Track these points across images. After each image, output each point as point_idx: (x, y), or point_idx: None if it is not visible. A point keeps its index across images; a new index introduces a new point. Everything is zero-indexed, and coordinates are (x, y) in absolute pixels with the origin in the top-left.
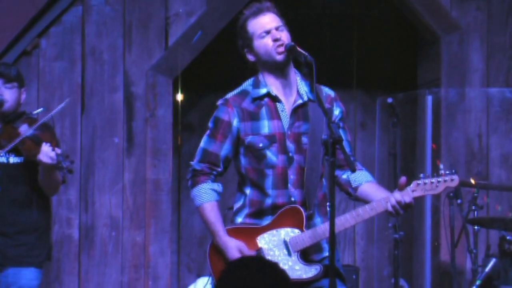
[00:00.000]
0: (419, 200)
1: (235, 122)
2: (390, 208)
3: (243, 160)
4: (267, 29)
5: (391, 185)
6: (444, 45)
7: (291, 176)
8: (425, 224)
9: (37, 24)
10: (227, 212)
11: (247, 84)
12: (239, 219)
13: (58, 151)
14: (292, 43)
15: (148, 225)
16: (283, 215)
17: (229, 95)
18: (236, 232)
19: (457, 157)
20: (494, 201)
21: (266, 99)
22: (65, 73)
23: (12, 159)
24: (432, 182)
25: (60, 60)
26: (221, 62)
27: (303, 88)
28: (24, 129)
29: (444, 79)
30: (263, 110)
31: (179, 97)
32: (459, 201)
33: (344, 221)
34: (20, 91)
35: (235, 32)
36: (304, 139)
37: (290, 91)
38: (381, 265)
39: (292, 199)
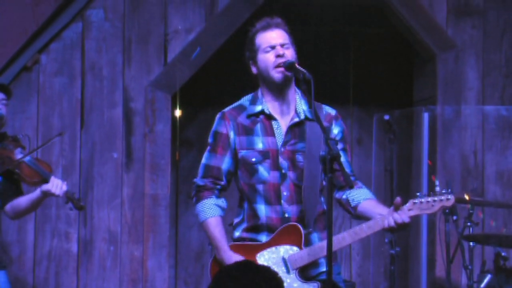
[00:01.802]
0: (415, 216)
1: (231, 135)
2: (386, 226)
3: (239, 175)
4: (272, 44)
5: (387, 200)
6: (440, 62)
7: (284, 192)
8: (421, 240)
9: (37, 40)
10: (229, 228)
11: (245, 100)
12: (237, 233)
13: (66, 185)
14: (292, 60)
15: (146, 240)
16: (282, 233)
17: (227, 109)
18: (236, 249)
19: (452, 173)
20: (489, 218)
21: (261, 116)
22: (65, 88)
23: None
24: (428, 202)
25: (60, 76)
26: (219, 78)
27: (302, 106)
28: (18, 153)
29: (440, 96)
30: (258, 126)
31: (178, 112)
32: (454, 217)
33: (341, 239)
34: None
35: (234, 48)
36: (299, 157)
37: (288, 109)
38: (377, 280)
39: (286, 215)
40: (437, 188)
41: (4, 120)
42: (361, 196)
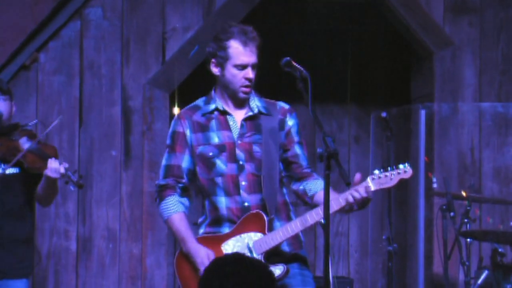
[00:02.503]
0: (412, 213)
1: (188, 133)
2: (344, 204)
3: (198, 171)
4: (245, 63)
5: (384, 198)
6: (437, 60)
7: (243, 182)
8: (419, 236)
9: (36, 39)
10: (194, 227)
11: (199, 100)
12: (201, 230)
13: (66, 165)
14: (288, 58)
15: (145, 237)
16: (245, 221)
17: (182, 110)
18: (201, 242)
19: (450, 170)
20: (486, 214)
21: (215, 113)
22: (64, 87)
23: (9, 170)
24: (386, 176)
25: (59, 74)
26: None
27: (255, 102)
28: (24, 142)
29: (437, 94)
30: (213, 123)
31: (176, 111)
32: (452, 214)
33: (304, 221)
34: (12, 104)
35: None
36: (256, 148)
37: (241, 106)
38: (375, 277)
39: (246, 204)
40: (435, 185)
41: (3, 118)
42: (318, 187)
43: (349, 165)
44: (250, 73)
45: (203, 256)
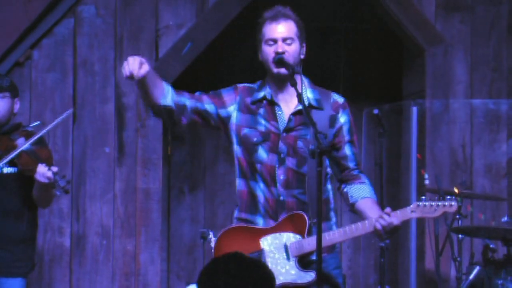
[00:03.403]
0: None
1: (231, 107)
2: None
3: (239, 150)
4: (275, 38)
5: (377, 194)
6: (428, 57)
7: (281, 176)
8: (410, 232)
9: (29, 36)
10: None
11: (256, 84)
12: (235, 214)
13: (55, 169)
14: (280, 55)
15: (139, 234)
16: (287, 220)
17: (241, 84)
18: (239, 231)
19: (441, 167)
20: (478, 210)
21: (264, 102)
22: (57, 84)
23: (6, 170)
24: (431, 205)
25: (52, 72)
26: (210, 73)
27: (307, 94)
28: (21, 142)
29: (428, 91)
30: (261, 111)
31: None
32: None
33: (332, 236)
34: (13, 101)
35: (225, 44)
36: (300, 143)
37: (291, 97)
38: (367, 273)
39: (281, 198)
40: (427, 181)
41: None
42: (359, 194)
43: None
44: (280, 46)
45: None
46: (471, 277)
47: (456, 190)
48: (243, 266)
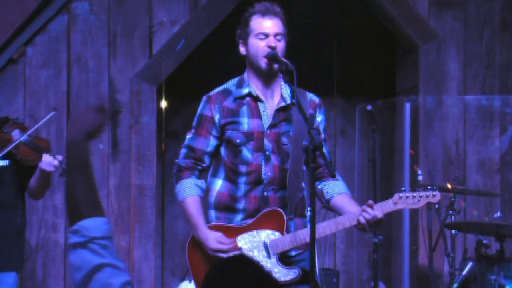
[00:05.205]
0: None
1: (217, 118)
2: (355, 223)
3: (222, 152)
4: (266, 32)
5: (370, 190)
6: (422, 53)
7: (268, 173)
8: (404, 228)
9: (23, 33)
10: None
11: (231, 84)
12: (212, 213)
13: (60, 158)
14: (273, 51)
15: (133, 230)
16: (263, 217)
17: (212, 92)
18: (216, 229)
19: (435, 163)
20: (471, 206)
21: (247, 99)
22: (51, 81)
23: (0, 163)
24: (414, 196)
25: (46, 68)
26: (204, 69)
27: (287, 92)
28: (16, 134)
29: (422, 87)
30: (244, 109)
31: (163, 104)
32: (436, 206)
33: (322, 228)
34: None
35: (219, 40)
36: (284, 139)
37: (273, 93)
38: (361, 269)
39: (265, 193)
40: (420, 177)
41: None
42: (335, 190)
43: (335, 158)
44: (272, 41)
45: (213, 240)
46: (464, 272)
47: (449, 186)
48: (252, 271)
